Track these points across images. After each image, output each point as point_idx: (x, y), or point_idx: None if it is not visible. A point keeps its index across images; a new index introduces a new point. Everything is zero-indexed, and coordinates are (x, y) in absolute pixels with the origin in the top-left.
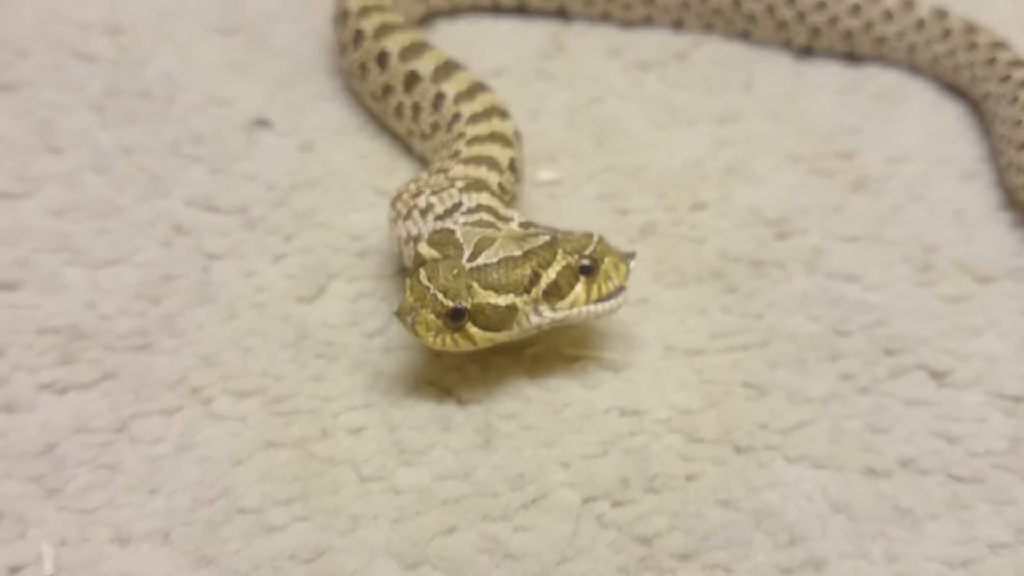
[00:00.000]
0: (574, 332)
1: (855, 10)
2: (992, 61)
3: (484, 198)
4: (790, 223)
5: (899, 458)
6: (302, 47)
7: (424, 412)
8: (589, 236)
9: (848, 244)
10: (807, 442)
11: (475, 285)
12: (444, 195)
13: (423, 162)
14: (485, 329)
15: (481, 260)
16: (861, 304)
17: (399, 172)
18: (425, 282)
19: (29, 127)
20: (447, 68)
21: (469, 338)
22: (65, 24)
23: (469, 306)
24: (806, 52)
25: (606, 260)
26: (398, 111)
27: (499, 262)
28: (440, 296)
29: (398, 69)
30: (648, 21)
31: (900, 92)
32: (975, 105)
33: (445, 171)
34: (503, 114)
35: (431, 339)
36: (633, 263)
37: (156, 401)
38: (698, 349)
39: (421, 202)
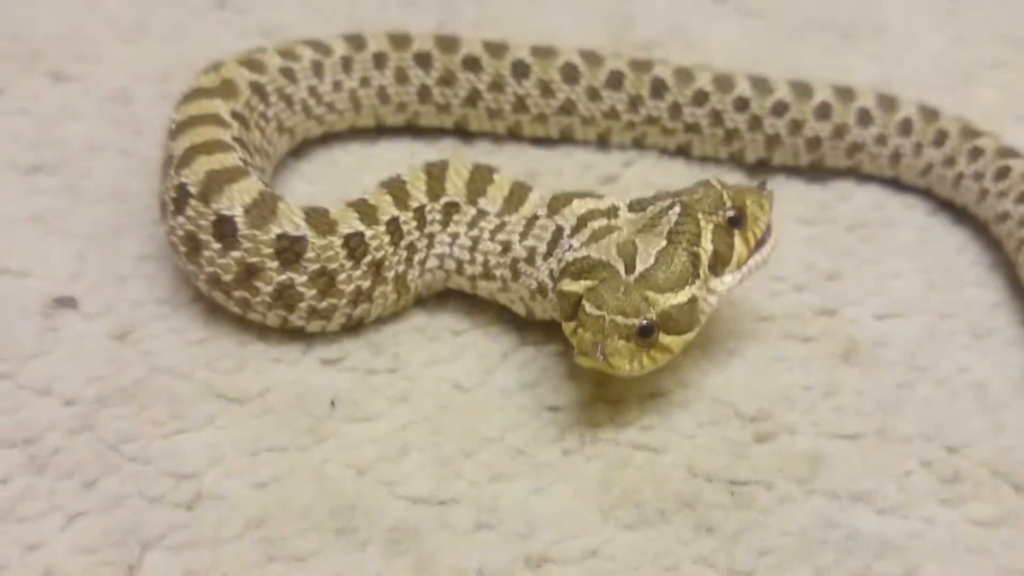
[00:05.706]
0: None
1: (823, 111)
2: (1005, 172)
3: (576, 208)
4: (772, 418)
5: None
6: (129, 186)
7: None
8: (709, 185)
9: (849, 444)
10: None
11: (650, 294)
12: (537, 231)
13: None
14: (678, 334)
15: (639, 267)
16: (881, 543)
17: (251, 363)
18: (596, 312)
19: None
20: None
21: (665, 349)
22: None
23: (655, 317)
24: (760, 167)
25: (747, 202)
26: (279, 297)
27: (656, 260)
28: (620, 319)
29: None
30: (567, 138)
31: (883, 216)
32: (982, 229)
33: (503, 227)
34: None
35: (628, 366)
36: (768, 190)
37: None
38: None
39: (519, 251)
